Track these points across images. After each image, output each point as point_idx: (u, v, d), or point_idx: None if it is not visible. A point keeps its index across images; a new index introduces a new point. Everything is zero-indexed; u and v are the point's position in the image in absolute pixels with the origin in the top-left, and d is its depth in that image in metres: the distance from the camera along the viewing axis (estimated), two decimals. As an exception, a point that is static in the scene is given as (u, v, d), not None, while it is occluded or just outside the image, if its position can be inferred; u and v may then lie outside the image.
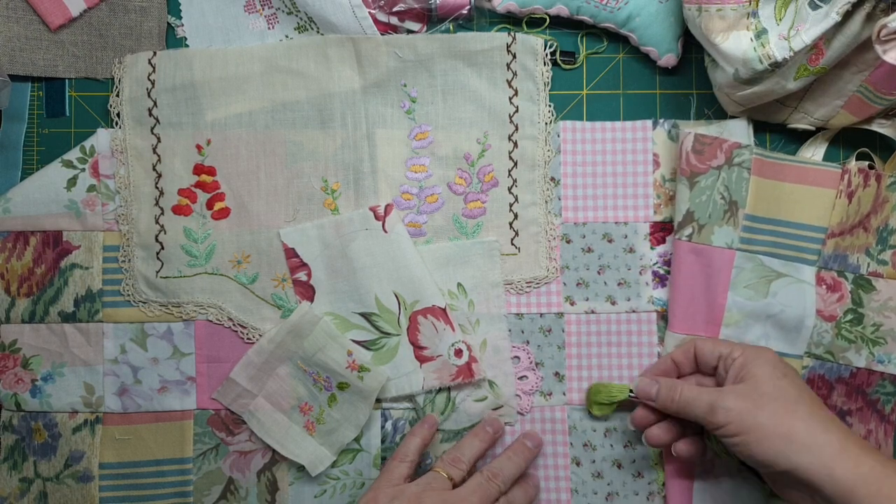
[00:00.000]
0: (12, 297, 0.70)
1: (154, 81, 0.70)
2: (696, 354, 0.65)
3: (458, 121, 0.71)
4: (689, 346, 0.65)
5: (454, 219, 0.71)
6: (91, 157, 0.71)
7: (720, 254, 0.68)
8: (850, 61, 0.63)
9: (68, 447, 0.70)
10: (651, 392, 0.64)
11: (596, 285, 0.71)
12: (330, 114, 0.70)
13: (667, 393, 0.63)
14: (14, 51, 0.71)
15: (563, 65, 0.72)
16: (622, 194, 0.71)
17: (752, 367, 0.60)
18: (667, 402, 0.62)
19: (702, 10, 0.62)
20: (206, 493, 0.70)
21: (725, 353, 0.62)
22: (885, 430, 0.69)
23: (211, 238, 0.71)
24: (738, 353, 0.61)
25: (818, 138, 0.71)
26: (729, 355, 0.62)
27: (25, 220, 0.70)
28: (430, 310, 0.68)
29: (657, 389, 0.63)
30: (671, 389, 0.62)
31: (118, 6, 0.71)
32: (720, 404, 0.58)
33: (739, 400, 0.58)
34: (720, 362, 0.63)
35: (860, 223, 0.68)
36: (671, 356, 0.66)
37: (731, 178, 0.68)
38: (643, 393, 0.64)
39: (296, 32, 0.71)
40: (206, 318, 0.70)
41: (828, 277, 0.68)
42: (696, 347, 0.65)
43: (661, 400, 0.63)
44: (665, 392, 0.63)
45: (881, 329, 0.68)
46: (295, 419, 0.70)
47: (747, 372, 0.60)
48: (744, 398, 0.58)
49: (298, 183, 0.71)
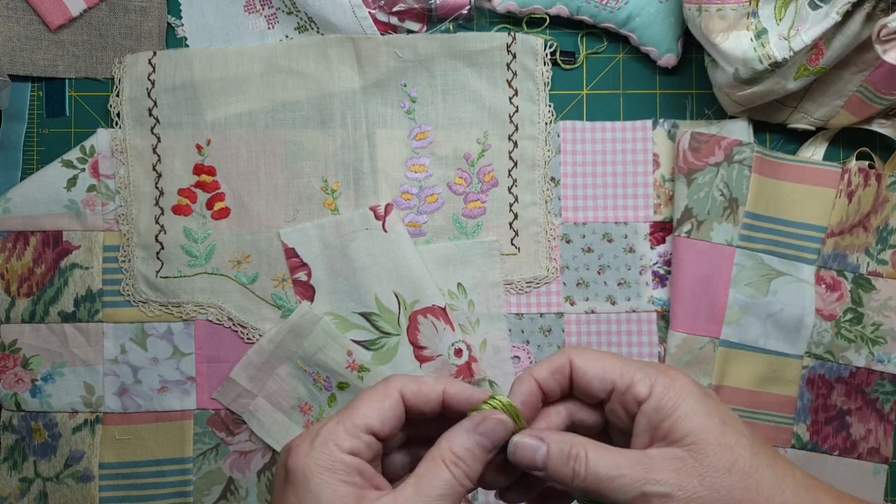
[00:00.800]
0: (12, 297, 0.70)
1: (154, 81, 0.70)
2: (574, 377, 0.44)
3: (458, 121, 0.71)
4: (562, 361, 0.44)
5: (454, 219, 0.71)
6: (91, 157, 0.71)
7: (720, 250, 0.68)
8: (850, 61, 0.63)
9: (68, 447, 0.70)
10: (536, 458, 0.42)
11: (596, 285, 0.71)
12: (330, 114, 0.70)
13: (561, 461, 0.41)
14: (14, 51, 0.71)
15: (563, 65, 0.72)
16: (622, 194, 0.71)
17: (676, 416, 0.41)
18: (563, 475, 0.41)
19: (702, 10, 0.63)
20: (206, 493, 0.70)
21: (622, 385, 0.42)
22: (885, 429, 0.69)
23: (211, 238, 0.71)
24: (644, 388, 0.41)
25: (818, 138, 0.71)
26: (629, 390, 0.42)
27: (25, 220, 0.70)
28: (430, 309, 0.68)
29: (544, 454, 0.42)
30: (569, 456, 0.41)
31: (118, 6, 0.71)
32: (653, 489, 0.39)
33: (682, 477, 0.39)
34: (612, 396, 0.43)
35: (860, 223, 0.68)
36: (533, 375, 0.44)
37: (731, 175, 0.68)
38: (522, 458, 0.42)
39: (296, 32, 0.71)
40: (206, 318, 0.70)
41: (827, 277, 0.68)
42: (573, 366, 0.43)
43: (554, 469, 0.41)
44: (558, 458, 0.41)
45: (881, 328, 0.68)
46: (295, 419, 0.70)
47: (673, 426, 0.40)
48: (687, 474, 0.40)
49: (298, 183, 0.71)
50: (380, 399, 0.42)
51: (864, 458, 0.69)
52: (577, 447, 0.41)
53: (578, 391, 0.44)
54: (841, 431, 0.69)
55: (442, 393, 0.43)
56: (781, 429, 0.68)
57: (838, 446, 0.69)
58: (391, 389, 0.42)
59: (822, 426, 0.69)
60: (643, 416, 0.41)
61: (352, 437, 0.40)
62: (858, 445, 0.69)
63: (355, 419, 0.41)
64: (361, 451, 0.40)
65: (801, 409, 0.69)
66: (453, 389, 0.43)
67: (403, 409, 0.42)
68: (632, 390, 0.42)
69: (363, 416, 0.41)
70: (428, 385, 0.43)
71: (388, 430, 0.41)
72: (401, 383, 0.43)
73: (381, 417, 0.41)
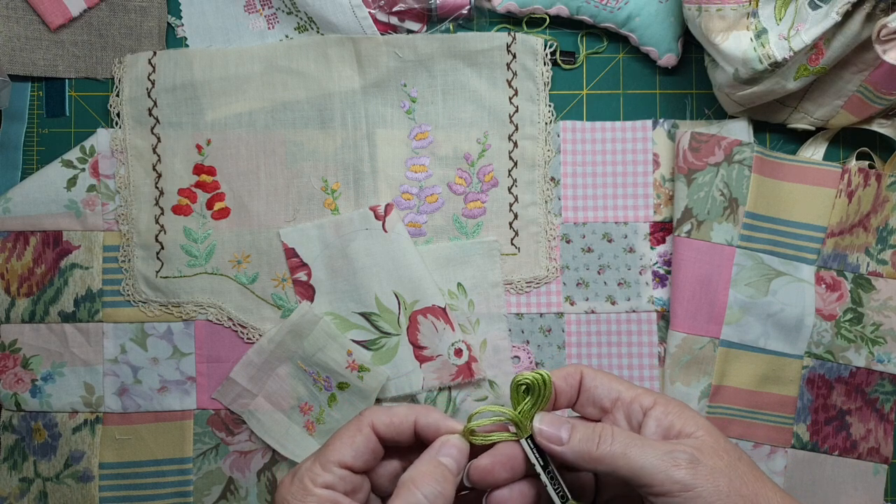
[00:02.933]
0: (12, 297, 0.70)
1: (154, 81, 0.70)
2: (583, 387, 0.47)
3: (458, 121, 0.71)
4: (574, 372, 0.47)
5: (454, 219, 0.71)
6: (91, 156, 0.71)
7: (720, 250, 0.68)
8: (850, 61, 0.63)
9: (68, 447, 0.70)
10: (561, 435, 0.44)
11: (596, 285, 0.71)
12: (330, 114, 0.70)
13: (588, 438, 0.43)
14: (14, 51, 0.71)
15: (563, 65, 0.72)
16: (622, 194, 0.71)
17: (685, 418, 0.44)
18: (585, 453, 0.43)
19: (702, 10, 0.63)
20: (206, 492, 0.70)
21: (627, 396, 0.46)
22: (885, 429, 0.69)
23: (211, 238, 0.71)
24: (649, 399, 0.45)
25: (818, 138, 0.71)
26: (635, 400, 0.45)
27: (25, 220, 0.70)
28: (429, 309, 0.68)
29: (569, 430, 0.44)
30: (594, 430, 0.44)
31: (118, 6, 0.71)
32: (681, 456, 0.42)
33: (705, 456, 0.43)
34: (617, 405, 0.46)
35: (860, 223, 0.68)
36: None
37: (731, 175, 0.68)
38: (548, 434, 0.44)
39: (296, 32, 0.72)
40: (206, 318, 0.70)
41: (827, 277, 0.68)
42: (583, 375, 0.47)
43: (577, 447, 0.43)
44: (584, 433, 0.44)
45: (881, 328, 0.68)
46: (295, 419, 0.70)
47: (685, 424, 0.44)
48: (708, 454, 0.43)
49: (298, 183, 0.71)
50: (352, 434, 0.45)
51: (864, 458, 0.69)
52: (605, 427, 0.44)
53: (584, 399, 0.47)
54: (841, 431, 0.69)
55: (414, 423, 0.45)
56: (781, 429, 0.68)
57: (838, 446, 0.69)
58: (363, 424, 0.45)
59: (822, 426, 0.69)
60: (652, 419, 0.44)
61: (325, 472, 0.43)
62: (858, 445, 0.69)
63: (329, 455, 0.44)
64: (335, 484, 0.43)
65: (801, 409, 0.69)
66: (423, 421, 0.45)
67: (377, 441, 0.45)
68: (638, 400, 0.45)
69: (336, 452, 0.44)
70: (399, 416, 0.45)
71: (363, 463, 0.44)
72: (372, 417, 0.45)
73: (353, 452, 0.44)
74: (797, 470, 0.68)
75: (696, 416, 0.45)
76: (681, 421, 0.44)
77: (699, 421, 0.44)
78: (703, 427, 0.44)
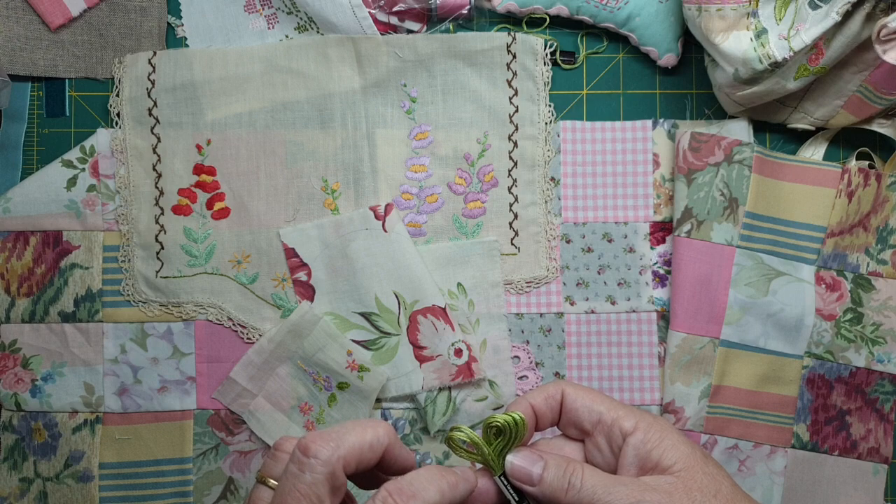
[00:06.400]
0: (12, 297, 0.70)
1: (154, 81, 0.70)
2: (564, 407, 0.46)
3: (458, 121, 0.71)
4: (555, 392, 0.46)
5: (454, 219, 0.71)
6: (91, 156, 0.71)
7: (720, 250, 0.68)
8: (850, 61, 0.63)
9: (68, 447, 0.70)
10: (532, 473, 0.43)
11: (596, 285, 0.71)
12: (330, 114, 0.70)
13: (558, 476, 0.43)
14: (14, 51, 0.71)
15: (563, 65, 0.72)
16: (622, 194, 0.71)
17: (663, 447, 0.44)
18: (558, 491, 0.43)
19: (702, 10, 0.63)
20: (206, 493, 0.70)
21: (608, 418, 0.45)
22: (885, 429, 0.69)
23: (211, 238, 0.71)
24: (629, 423, 0.44)
25: (818, 138, 0.71)
26: (615, 423, 0.45)
27: (25, 220, 0.70)
28: (429, 309, 0.68)
29: (541, 469, 0.43)
30: (566, 472, 0.43)
31: (118, 6, 0.71)
32: None
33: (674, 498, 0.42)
34: (598, 428, 0.45)
35: (860, 222, 0.68)
36: (529, 401, 0.46)
37: (731, 175, 0.68)
38: (519, 474, 0.44)
39: (296, 32, 0.72)
40: (206, 318, 0.70)
41: (827, 276, 0.68)
42: (564, 394, 0.46)
43: (549, 486, 0.43)
44: (555, 474, 0.43)
45: (881, 328, 0.68)
46: (295, 419, 0.70)
47: (662, 455, 0.44)
48: (679, 497, 0.42)
49: (298, 183, 0.71)
50: None
51: (864, 458, 0.69)
52: (575, 465, 0.44)
53: (566, 420, 0.46)
54: (841, 431, 0.69)
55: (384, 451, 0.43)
56: (781, 429, 0.68)
57: (838, 446, 0.69)
58: None
59: (822, 426, 0.69)
60: (630, 448, 0.44)
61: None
62: (858, 445, 0.69)
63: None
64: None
65: (801, 408, 0.69)
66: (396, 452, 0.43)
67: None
68: (618, 423, 0.44)
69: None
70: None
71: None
72: None
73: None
74: (797, 470, 0.68)
75: (677, 444, 0.44)
76: (659, 451, 0.43)
77: (679, 449, 0.44)
78: (682, 458, 0.43)
